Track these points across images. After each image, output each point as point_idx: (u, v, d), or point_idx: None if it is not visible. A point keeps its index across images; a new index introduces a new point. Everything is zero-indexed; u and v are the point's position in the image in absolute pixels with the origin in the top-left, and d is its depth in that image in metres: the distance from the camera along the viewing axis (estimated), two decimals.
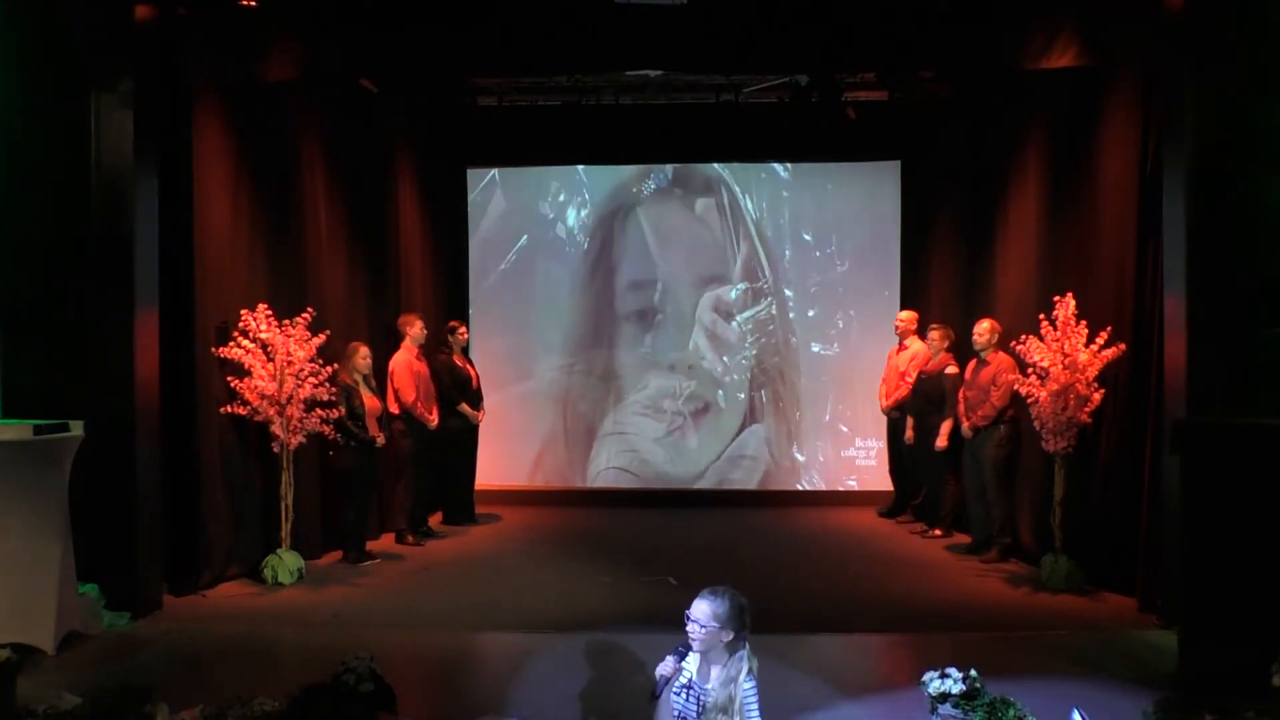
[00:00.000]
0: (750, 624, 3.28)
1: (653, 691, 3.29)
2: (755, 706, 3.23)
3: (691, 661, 3.31)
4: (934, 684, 3.76)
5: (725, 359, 9.57)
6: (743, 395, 9.54)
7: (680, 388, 9.58)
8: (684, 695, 3.27)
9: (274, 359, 6.45)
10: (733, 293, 9.55)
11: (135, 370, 5.62)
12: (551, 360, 9.71)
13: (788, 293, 9.52)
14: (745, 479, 9.52)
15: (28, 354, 5.58)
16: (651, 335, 9.62)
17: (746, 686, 3.23)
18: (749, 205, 9.57)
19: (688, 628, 3.25)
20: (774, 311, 9.54)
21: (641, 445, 9.61)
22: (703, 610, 3.22)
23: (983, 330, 7.17)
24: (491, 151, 9.61)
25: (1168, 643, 4.87)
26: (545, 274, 9.72)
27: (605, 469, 9.65)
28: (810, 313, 9.50)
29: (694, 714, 3.25)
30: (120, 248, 5.60)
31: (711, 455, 9.57)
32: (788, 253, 9.52)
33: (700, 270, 9.60)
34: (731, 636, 3.24)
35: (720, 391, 9.56)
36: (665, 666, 3.27)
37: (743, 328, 9.55)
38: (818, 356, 9.47)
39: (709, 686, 3.25)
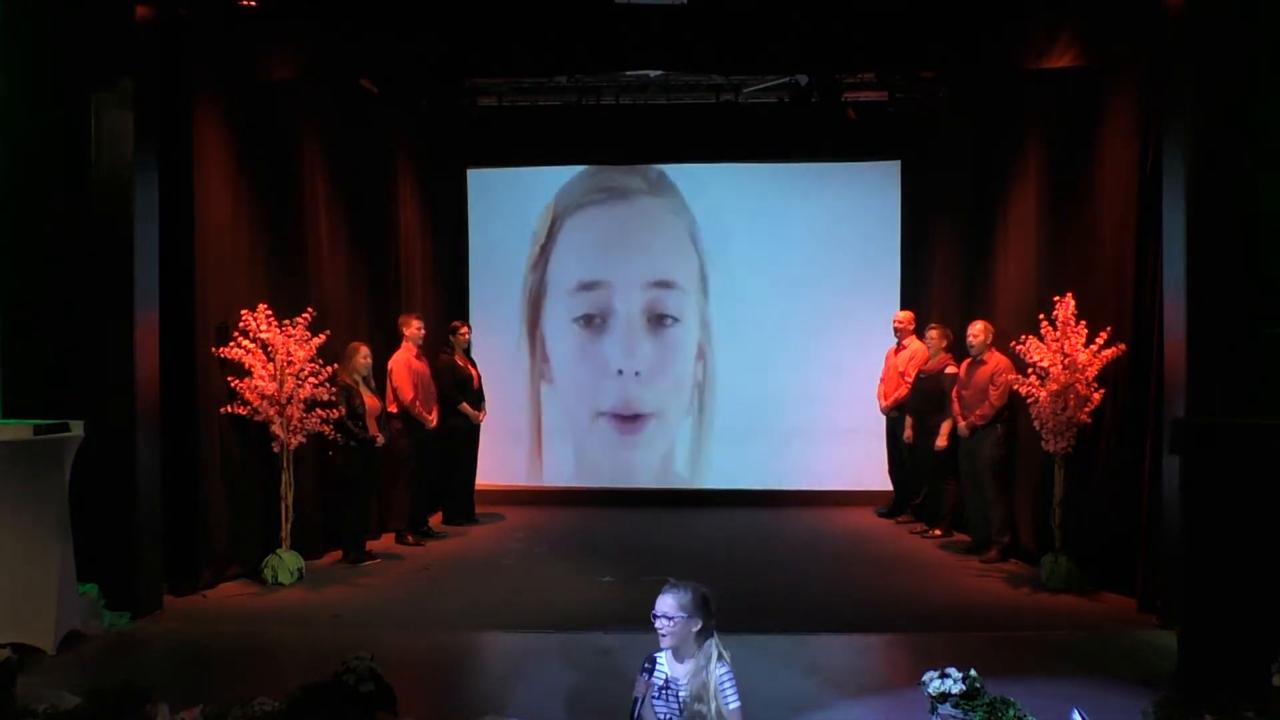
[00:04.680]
0: (715, 614, 3.34)
1: (631, 713, 3.34)
2: (732, 688, 3.28)
3: (665, 662, 3.35)
4: (934, 684, 3.75)
5: (725, 359, 9.56)
6: (742, 395, 9.53)
7: (681, 387, 9.57)
8: (664, 697, 3.31)
9: (274, 359, 6.45)
10: (733, 293, 9.54)
11: (135, 370, 5.62)
12: (553, 359, 9.70)
13: (787, 292, 9.50)
14: (744, 479, 9.51)
15: (28, 354, 5.58)
16: (653, 334, 9.60)
17: (720, 671, 3.28)
18: (749, 206, 9.55)
19: (656, 624, 3.30)
20: (774, 311, 9.52)
21: (642, 445, 9.61)
22: (669, 603, 3.29)
23: (977, 331, 7.18)
24: (491, 152, 9.60)
25: (1168, 643, 4.86)
26: (547, 273, 9.70)
27: (605, 469, 9.65)
28: (810, 312, 9.48)
29: (677, 712, 3.28)
30: (120, 248, 5.60)
31: (711, 455, 9.57)
32: (788, 252, 9.50)
33: (703, 270, 9.58)
34: (700, 626, 3.29)
35: (720, 391, 9.55)
36: (638, 688, 3.33)
37: (743, 327, 9.54)
38: (817, 356, 9.45)
39: (683, 681, 3.28)
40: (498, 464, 9.44)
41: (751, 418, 9.50)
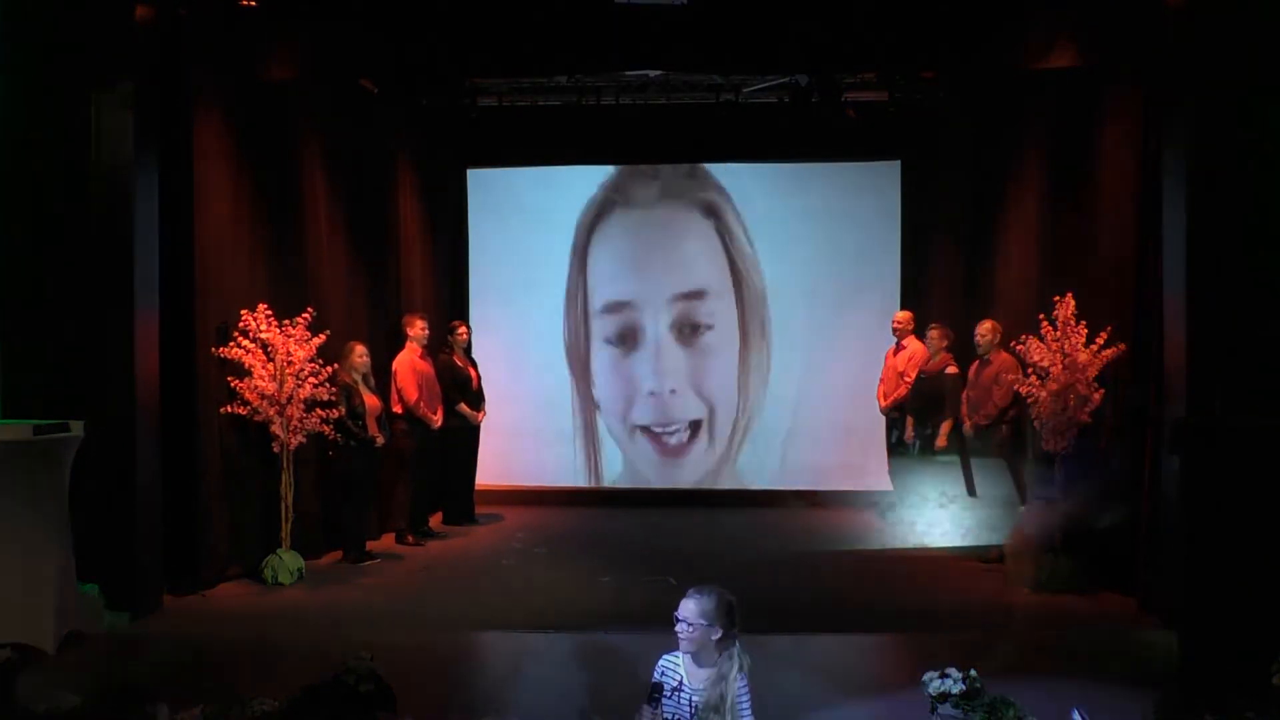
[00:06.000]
0: (739, 622, 3.28)
1: None
2: (747, 705, 3.23)
3: (683, 665, 3.30)
4: (934, 684, 3.75)
5: (722, 357, 9.55)
6: (741, 394, 9.52)
7: (678, 386, 9.56)
8: (674, 699, 3.27)
9: (274, 359, 6.45)
10: (731, 291, 9.53)
11: (135, 370, 5.62)
12: (552, 359, 9.69)
13: (787, 293, 9.50)
14: (744, 479, 9.50)
15: (28, 354, 5.57)
16: (650, 334, 9.58)
17: (738, 685, 3.22)
18: (749, 205, 9.54)
19: (676, 628, 3.26)
20: (773, 311, 9.52)
21: (640, 444, 9.60)
22: (690, 609, 3.23)
23: (985, 331, 7.17)
24: (491, 151, 9.59)
25: (1168, 643, 4.86)
26: (546, 273, 9.70)
27: (605, 468, 9.64)
28: (809, 313, 9.47)
29: (687, 715, 3.24)
30: (120, 248, 5.60)
31: (710, 454, 9.56)
32: (787, 252, 9.50)
33: (697, 268, 9.57)
34: (720, 634, 3.23)
35: (718, 390, 9.54)
36: (644, 716, 3.26)
37: (740, 327, 9.54)
38: (817, 356, 9.44)
39: (700, 687, 3.24)
40: (498, 464, 9.43)
41: (752, 418, 9.49)
